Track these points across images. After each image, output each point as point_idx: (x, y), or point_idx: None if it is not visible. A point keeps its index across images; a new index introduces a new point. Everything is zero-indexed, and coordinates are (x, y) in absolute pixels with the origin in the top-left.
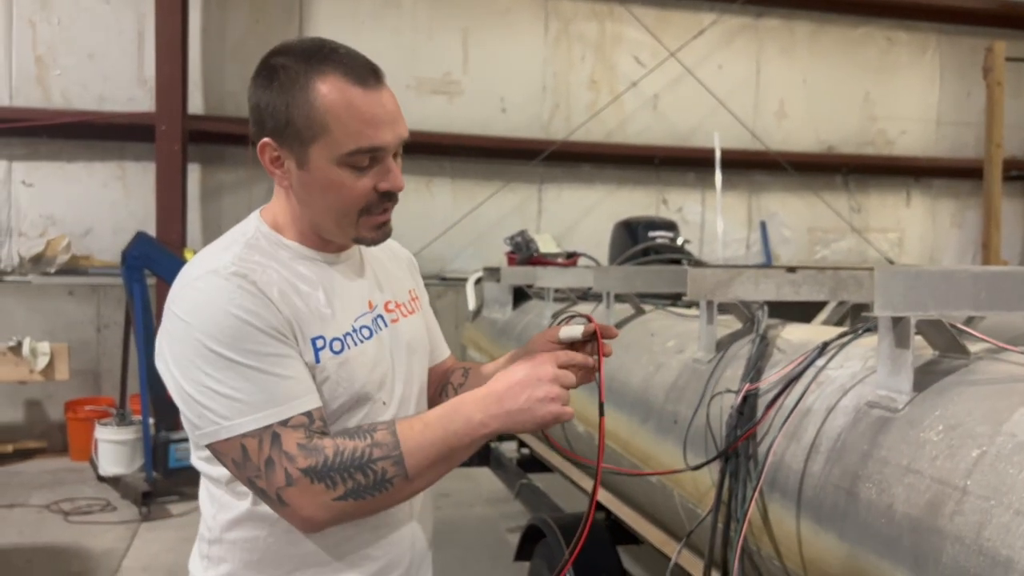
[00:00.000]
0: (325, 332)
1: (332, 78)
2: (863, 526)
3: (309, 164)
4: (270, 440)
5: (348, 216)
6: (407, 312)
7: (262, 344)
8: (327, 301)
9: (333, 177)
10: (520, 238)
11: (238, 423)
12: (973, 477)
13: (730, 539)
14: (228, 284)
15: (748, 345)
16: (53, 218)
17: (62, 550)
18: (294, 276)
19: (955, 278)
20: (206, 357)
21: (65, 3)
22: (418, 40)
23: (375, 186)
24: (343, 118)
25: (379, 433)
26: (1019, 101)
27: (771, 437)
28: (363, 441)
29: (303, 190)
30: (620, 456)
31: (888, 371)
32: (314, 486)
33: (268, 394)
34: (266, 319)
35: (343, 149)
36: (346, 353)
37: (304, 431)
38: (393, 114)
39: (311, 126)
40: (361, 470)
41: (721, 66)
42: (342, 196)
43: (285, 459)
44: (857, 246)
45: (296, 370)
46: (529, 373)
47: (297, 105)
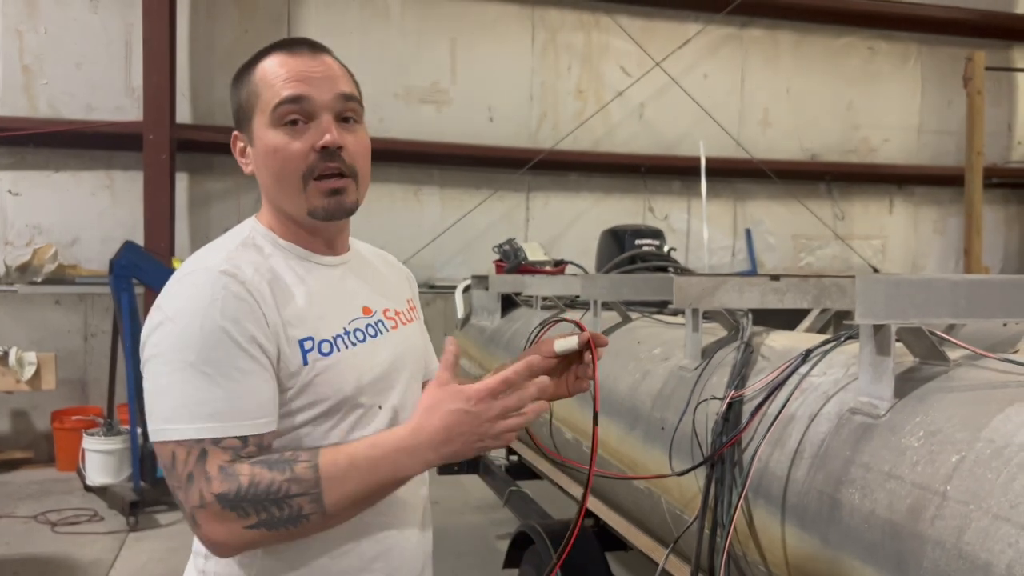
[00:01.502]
0: (315, 333)
1: (273, 55)
2: (846, 531)
3: (254, 138)
4: (197, 455)
5: (293, 182)
6: (406, 320)
7: (229, 355)
8: (320, 302)
9: (269, 141)
10: (508, 246)
11: (174, 428)
12: (953, 482)
13: (716, 545)
14: (215, 283)
15: (733, 352)
16: (40, 227)
17: (49, 561)
18: (288, 275)
19: (934, 286)
20: (172, 355)
21: (52, 12)
22: (406, 50)
23: (312, 145)
24: (268, 79)
25: (300, 466)
26: (999, 110)
27: (756, 443)
28: (282, 474)
29: (257, 169)
30: (608, 463)
31: (870, 378)
32: (225, 512)
33: (212, 408)
34: (244, 327)
35: (270, 105)
36: (335, 355)
37: (232, 454)
38: (326, 73)
39: (250, 99)
40: (276, 504)
41: (706, 75)
42: (279, 159)
43: (204, 479)
44: (841, 253)
45: (252, 389)
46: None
47: (243, 85)
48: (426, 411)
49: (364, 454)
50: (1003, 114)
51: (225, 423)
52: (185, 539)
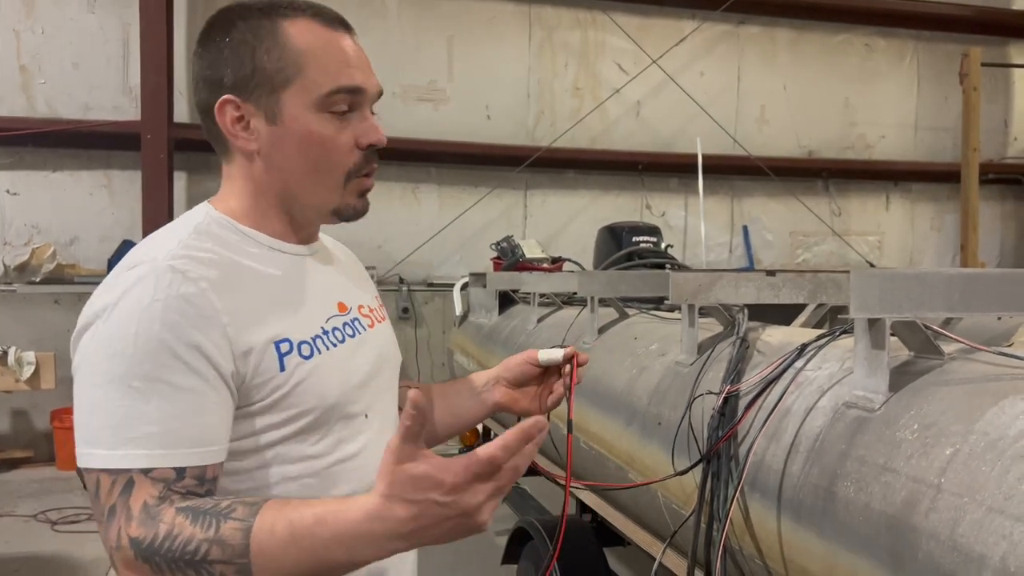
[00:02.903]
0: (291, 333)
1: (302, 20)
2: (842, 524)
3: (283, 115)
4: (123, 487)
5: (333, 177)
6: (379, 318)
7: (166, 368)
8: (294, 296)
9: (313, 127)
10: (506, 244)
11: (98, 453)
12: (947, 475)
13: (713, 539)
14: (159, 281)
15: (729, 348)
16: (38, 227)
17: (50, 559)
18: (257, 270)
19: (929, 280)
20: (100, 363)
21: (50, 12)
22: (404, 48)
23: (356, 141)
24: (320, 55)
25: (228, 526)
26: (995, 106)
27: (751, 438)
28: (204, 531)
29: (277, 150)
30: (605, 458)
31: (864, 372)
32: (137, 563)
33: (140, 433)
34: (188, 335)
35: (322, 90)
36: (317, 358)
37: (162, 487)
38: (367, 62)
39: (284, 68)
40: (193, 568)
41: (703, 73)
42: (325, 150)
43: (124, 516)
44: (838, 249)
45: (194, 410)
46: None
47: (266, 48)
48: (387, 497)
49: (308, 529)
50: (999, 110)
51: (156, 450)
52: None
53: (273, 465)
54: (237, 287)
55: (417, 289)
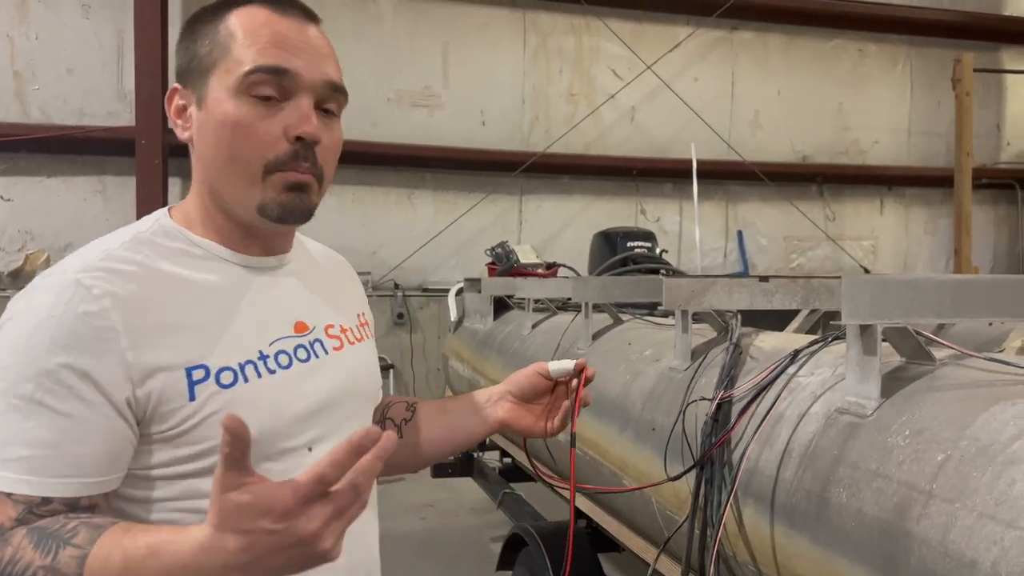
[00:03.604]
0: (212, 358)
1: (251, 6)
2: (834, 530)
3: (209, 98)
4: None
5: (249, 168)
6: (354, 339)
7: (48, 391)
8: (231, 317)
9: (231, 111)
10: (501, 249)
11: None
12: (938, 481)
13: (706, 545)
14: (60, 295)
15: (722, 353)
16: (32, 233)
17: None
18: (187, 282)
19: (920, 286)
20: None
21: (44, 18)
22: (398, 54)
23: (285, 131)
24: (246, 35)
25: (66, 553)
26: (987, 111)
27: (745, 444)
28: (42, 558)
29: (199, 136)
30: (599, 464)
31: (857, 378)
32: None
33: (11, 454)
34: (77, 359)
35: (241, 68)
36: (239, 387)
37: (23, 510)
38: (316, 48)
39: (212, 52)
40: None
41: (697, 78)
42: (240, 137)
43: None
44: (832, 254)
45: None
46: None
47: (204, 35)
48: (217, 527)
49: (140, 561)
50: (992, 115)
51: (22, 475)
52: None
53: (185, 499)
54: (154, 305)
55: (412, 295)
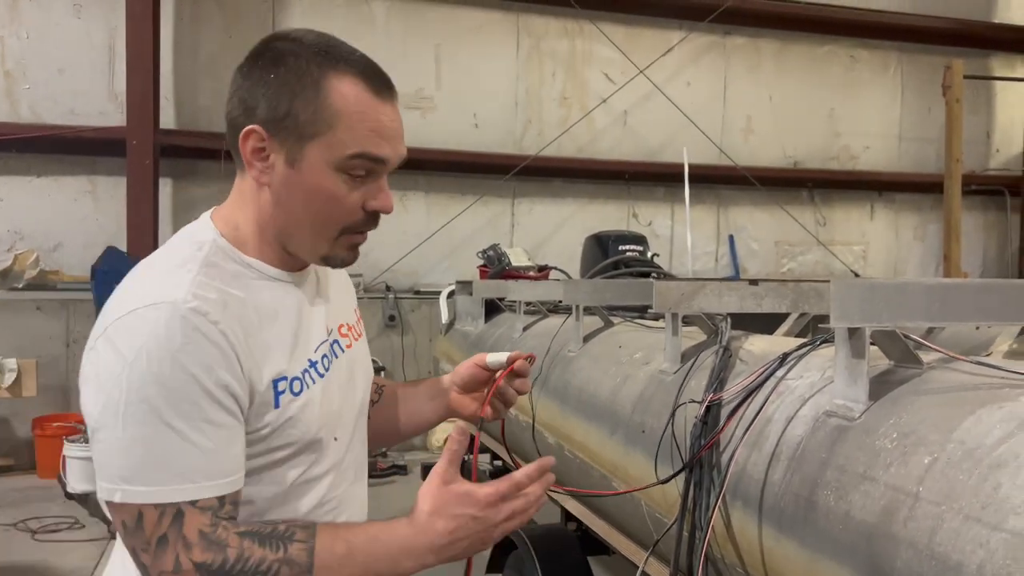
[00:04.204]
0: (287, 370)
1: (349, 78)
2: (822, 533)
3: (302, 163)
4: (172, 517)
5: (329, 230)
6: (356, 336)
7: (199, 407)
8: (292, 332)
9: (326, 183)
10: (492, 252)
11: (141, 491)
12: (925, 483)
13: (695, 547)
14: (184, 325)
15: (712, 356)
16: (21, 233)
17: (29, 569)
18: (259, 305)
19: (909, 290)
20: (133, 405)
21: (35, 17)
22: (391, 56)
23: (364, 203)
24: (354, 120)
25: (294, 547)
26: (977, 117)
27: (733, 446)
28: (274, 552)
29: (286, 191)
30: (589, 467)
31: (845, 381)
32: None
33: (184, 467)
34: (217, 376)
35: (346, 151)
36: (305, 394)
37: (211, 516)
38: (399, 131)
39: (316, 121)
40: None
41: (689, 83)
42: (330, 206)
43: (181, 544)
44: (823, 259)
45: (226, 443)
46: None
47: (305, 97)
48: (432, 513)
49: (363, 546)
50: (981, 122)
51: (201, 483)
52: None
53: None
54: (246, 327)
55: (404, 297)
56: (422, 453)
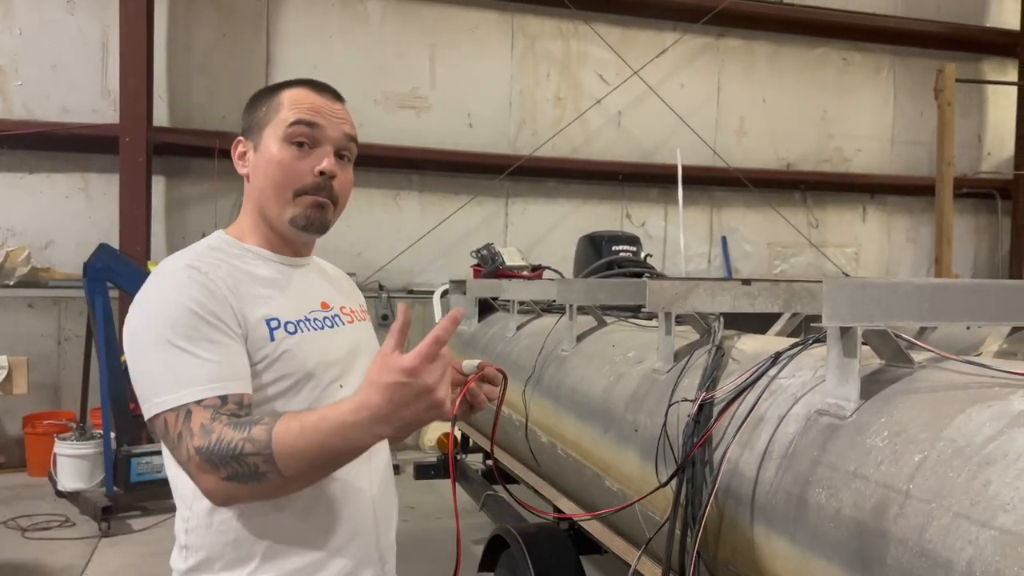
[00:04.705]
0: (280, 315)
1: (297, 86)
2: (813, 530)
3: (261, 144)
4: (183, 417)
5: (286, 192)
6: (359, 318)
7: (198, 330)
8: (281, 292)
9: (276, 152)
10: (486, 251)
11: (163, 400)
12: (915, 481)
13: (687, 545)
14: (180, 275)
15: (705, 355)
16: (13, 229)
17: (19, 567)
18: (255, 274)
19: (900, 290)
20: (151, 340)
21: (28, 13)
22: (386, 55)
23: (311, 169)
24: (292, 101)
25: (257, 429)
26: (969, 121)
27: (726, 444)
28: (240, 433)
29: (255, 171)
30: (582, 465)
31: (837, 380)
32: (204, 465)
33: (191, 375)
34: (209, 308)
35: (286, 122)
36: (298, 335)
37: (212, 412)
38: (338, 113)
39: (268, 112)
40: (236, 460)
41: (683, 84)
42: (282, 172)
43: (188, 435)
44: (815, 260)
45: (225, 356)
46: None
47: (263, 104)
48: (369, 385)
49: (313, 424)
50: (973, 125)
51: (203, 385)
52: (157, 544)
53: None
54: (237, 282)
55: (397, 296)
56: (415, 453)
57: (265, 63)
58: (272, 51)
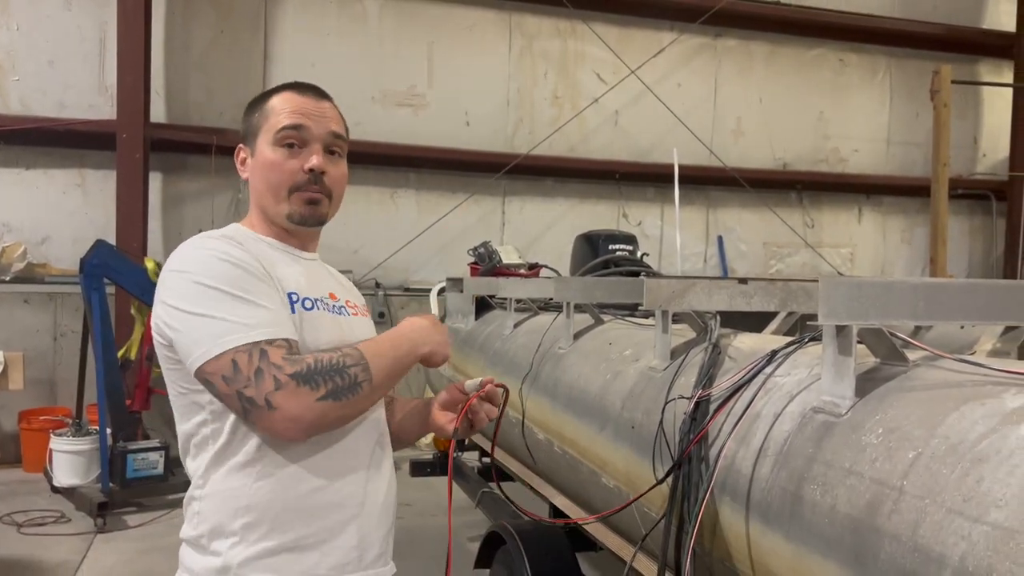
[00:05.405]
0: (298, 291)
1: (283, 91)
2: (808, 526)
3: (256, 149)
4: (259, 354)
5: (280, 191)
6: (363, 314)
7: (250, 282)
8: (297, 276)
9: (268, 156)
10: (483, 249)
11: (231, 339)
12: (909, 478)
13: (683, 542)
14: (216, 243)
15: (701, 353)
16: (9, 225)
17: (15, 563)
18: (268, 254)
19: (895, 289)
20: (203, 292)
21: (25, 9)
22: (384, 53)
23: (302, 166)
24: (277, 108)
25: (346, 349)
26: (965, 122)
27: (722, 442)
28: (336, 354)
29: (253, 174)
30: (578, 463)
31: (832, 378)
32: (300, 388)
33: (258, 319)
34: (252, 265)
35: (275, 128)
36: (314, 311)
37: (286, 349)
38: (323, 112)
39: (260, 119)
40: (339, 373)
41: (680, 84)
42: (275, 172)
43: (273, 368)
44: (811, 260)
45: (279, 305)
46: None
47: (257, 111)
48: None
49: (387, 338)
50: (969, 127)
51: (272, 327)
52: (153, 540)
53: None
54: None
55: (394, 294)
56: (411, 451)
57: (263, 60)
58: (270, 49)
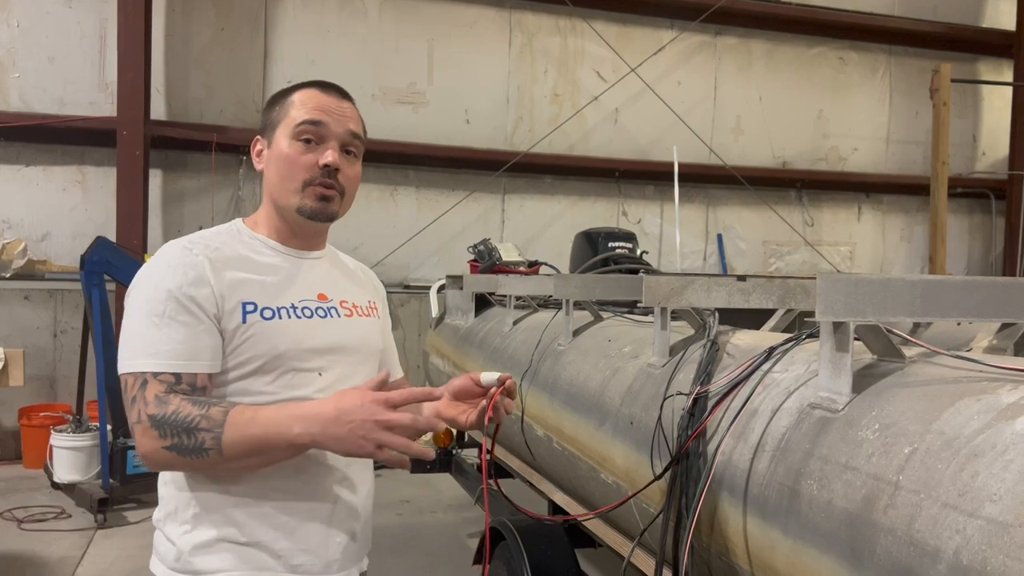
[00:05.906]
0: (259, 301)
1: (306, 88)
2: (805, 521)
3: (274, 141)
4: (140, 384)
5: (294, 183)
6: (363, 314)
7: (173, 310)
8: (275, 281)
9: (287, 149)
10: (483, 246)
11: (127, 362)
12: (905, 473)
13: (681, 537)
14: (173, 254)
15: (700, 350)
16: (9, 222)
17: (15, 558)
18: (257, 261)
19: (892, 286)
20: (134, 308)
21: (25, 5)
22: (384, 50)
23: (317, 161)
24: (301, 102)
25: (215, 409)
26: (964, 121)
27: (720, 437)
28: (199, 410)
29: (268, 165)
30: (578, 458)
31: (829, 374)
32: (150, 431)
33: (155, 348)
34: (186, 291)
35: (294, 122)
36: (274, 321)
37: (167, 387)
38: (343, 112)
39: (280, 112)
40: (187, 432)
41: (680, 82)
42: (290, 165)
43: (143, 402)
44: (810, 259)
45: (190, 339)
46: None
47: (278, 105)
48: (335, 396)
49: (268, 413)
50: (968, 125)
51: (162, 360)
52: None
53: (237, 395)
54: (229, 266)
55: (394, 291)
56: None
57: (263, 57)
58: (270, 45)
